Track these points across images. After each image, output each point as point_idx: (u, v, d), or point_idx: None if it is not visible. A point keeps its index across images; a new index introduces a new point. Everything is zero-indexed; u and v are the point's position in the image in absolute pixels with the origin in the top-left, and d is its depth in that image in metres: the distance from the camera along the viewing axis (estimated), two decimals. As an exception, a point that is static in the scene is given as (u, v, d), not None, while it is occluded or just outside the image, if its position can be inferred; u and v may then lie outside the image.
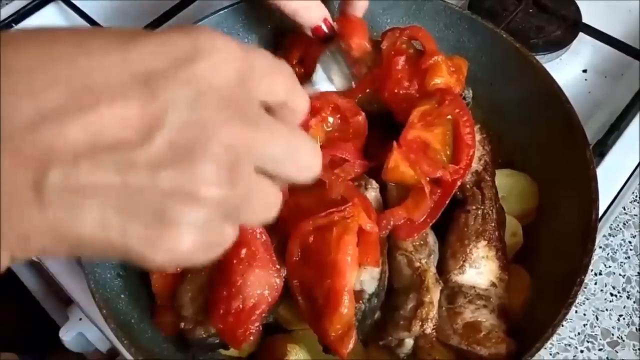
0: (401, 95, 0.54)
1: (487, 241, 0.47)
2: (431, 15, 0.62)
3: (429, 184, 0.47)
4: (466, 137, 0.49)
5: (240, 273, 0.43)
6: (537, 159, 0.56)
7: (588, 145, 0.51)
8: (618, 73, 0.74)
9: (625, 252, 0.58)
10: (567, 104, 0.54)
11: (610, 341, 0.53)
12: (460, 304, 0.45)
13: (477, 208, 0.48)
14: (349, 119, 0.55)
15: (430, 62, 0.53)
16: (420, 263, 0.46)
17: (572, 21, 0.74)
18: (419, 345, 0.45)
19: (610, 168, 0.61)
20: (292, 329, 0.50)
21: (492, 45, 0.59)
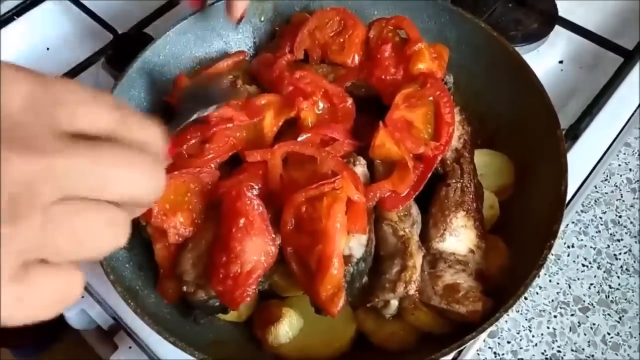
0: (388, 80, 0.58)
1: (466, 212, 0.51)
2: (415, 7, 0.66)
3: (413, 160, 0.51)
4: (446, 117, 0.53)
5: (239, 240, 0.47)
6: (513, 140, 0.60)
7: (559, 125, 0.55)
8: (592, 63, 0.78)
9: (596, 226, 0.62)
10: (540, 89, 0.58)
11: (582, 307, 0.57)
12: (441, 268, 0.49)
13: (456, 182, 0.52)
14: (338, 104, 0.58)
15: (414, 49, 0.57)
16: (405, 232, 0.50)
17: (549, 15, 0.78)
18: (403, 306, 0.49)
19: (582, 150, 0.65)
20: (286, 296, 0.53)
21: (472, 35, 0.63)
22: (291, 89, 0.58)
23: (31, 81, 0.25)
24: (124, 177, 0.26)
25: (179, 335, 0.46)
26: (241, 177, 0.50)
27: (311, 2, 0.68)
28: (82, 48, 0.78)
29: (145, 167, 0.27)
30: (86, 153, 0.25)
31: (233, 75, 0.62)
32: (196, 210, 0.50)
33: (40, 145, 0.24)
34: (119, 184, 0.26)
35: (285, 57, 0.62)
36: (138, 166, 0.27)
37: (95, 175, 0.25)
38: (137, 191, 0.27)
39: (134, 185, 0.27)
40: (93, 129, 0.26)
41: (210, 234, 0.50)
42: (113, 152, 0.26)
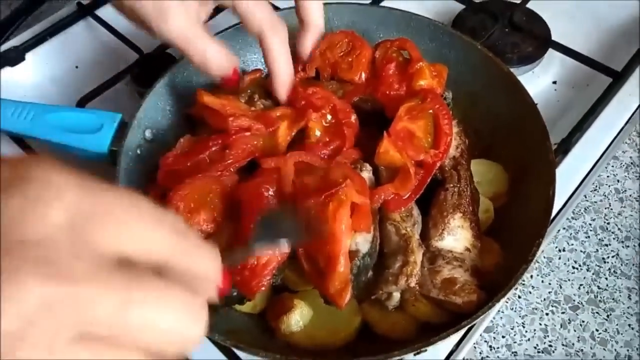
0: (391, 95, 0.64)
1: (462, 213, 0.56)
2: (417, 30, 0.72)
3: (414, 166, 0.56)
4: (444, 127, 0.58)
5: (256, 236, 0.52)
6: (507, 151, 0.65)
7: (548, 137, 0.60)
8: (584, 84, 0.83)
9: (585, 232, 0.67)
10: (532, 105, 0.63)
11: (572, 306, 0.61)
12: (440, 264, 0.54)
13: (454, 186, 0.57)
14: (342, 119, 0.63)
15: (416, 68, 0.63)
16: (406, 231, 0.54)
17: (543, 39, 0.84)
18: (404, 298, 0.53)
19: (573, 162, 0.70)
20: (298, 290, 0.58)
21: (469, 56, 0.69)
22: (303, 103, 0.63)
23: (80, 190, 0.22)
24: (159, 324, 0.22)
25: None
26: (258, 180, 0.56)
27: (322, 25, 0.74)
28: (109, 66, 0.85)
29: (190, 315, 0.23)
30: (120, 286, 0.21)
31: (250, 90, 0.68)
32: (217, 210, 0.55)
33: (66, 268, 0.21)
34: (150, 332, 0.22)
35: (298, 74, 0.68)
36: (181, 314, 0.23)
37: (124, 317, 0.21)
38: (170, 343, 0.23)
39: (169, 337, 0.23)
40: (142, 257, 0.23)
41: (229, 230, 0.55)
42: (155, 292, 0.22)
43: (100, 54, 0.87)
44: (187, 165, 0.58)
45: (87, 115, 0.63)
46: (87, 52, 0.87)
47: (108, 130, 0.62)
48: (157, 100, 0.65)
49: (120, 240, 0.22)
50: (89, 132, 0.62)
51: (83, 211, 0.22)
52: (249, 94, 0.67)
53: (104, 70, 0.84)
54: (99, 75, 0.82)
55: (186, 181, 0.55)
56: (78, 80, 0.84)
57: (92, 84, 0.81)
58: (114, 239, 0.22)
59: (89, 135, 0.61)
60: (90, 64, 0.86)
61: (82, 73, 0.85)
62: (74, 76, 0.85)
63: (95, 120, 0.62)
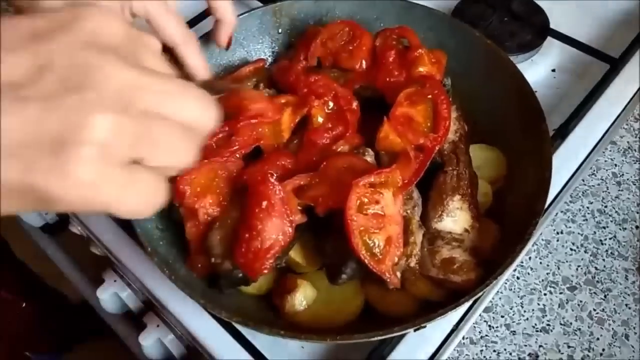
0: (391, 82, 0.65)
1: (461, 195, 0.57)
2: (418, 19, 0.73)
3: (413, 150, 0.58)
4: (443, 112, 0.59)
5: (261, 220, 0.53)
6: (505, 136, 0.66)
7: (544, 120, 0.61)
8: (582, 71, 0.84)
9: (583, 215, 0.68)
10: (529, 90, 0.64)
11: (570, 286, 0.63)
12: (439, 245, 0.55)
13: (452, 169, 0.58)
14: (344, 106, 0.65)
15: (415, 54, 0.65)
16: (407, 213, 0.56)
17: (541, 27, 0.85)
18: (405, 277, 0.55)
19: (571, 147, 0.71)
20: (301, 272, 0.60)
21: (468, 43, 0.70)
22: (306, 91, 0.65)
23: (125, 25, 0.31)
24: (194, 104, 0.32)
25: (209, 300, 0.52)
26: (264, 166, 0.57)
27: (324, 16, 0.75)
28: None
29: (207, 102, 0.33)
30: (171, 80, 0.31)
31: (255, 80, 0.69)
32: (223, 194, 0.57)
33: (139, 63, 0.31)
34: (192, 108, 0.32)
35: (300, 64, 0.70)
36: (202, 100, 0.33)
37: (177, 96, 0.31)
38: (201, 118, 0.33)
39: (200, 112, 0.32)
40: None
41: (235, 214, 0.56)
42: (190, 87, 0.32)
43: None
44: (193, 152, 0.59)
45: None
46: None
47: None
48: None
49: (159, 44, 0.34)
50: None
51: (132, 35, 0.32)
52: (254, 82, 0.69)
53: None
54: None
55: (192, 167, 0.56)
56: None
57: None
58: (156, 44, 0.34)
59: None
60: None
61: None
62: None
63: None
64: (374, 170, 0.55)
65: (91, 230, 0.69)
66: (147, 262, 0.64)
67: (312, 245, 0.59)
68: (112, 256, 0.68)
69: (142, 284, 0.64)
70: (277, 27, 0.75)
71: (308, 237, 0.59)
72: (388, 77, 0.65)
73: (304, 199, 0.56)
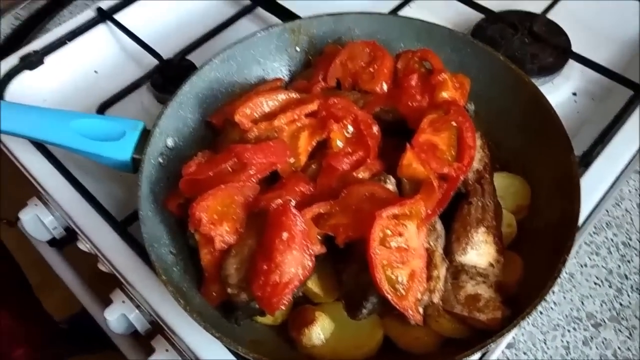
0: (414, 106, 0.63)
1: (486, 228, 0.55)
2: (439, 40, 0.71)
3: (437, 179, 0.56)
4: (468, 140, 0.57)
5: (280, 252, 0.51)
6: (529, 164, 0.64)
7: (572, 150, 0.59)
8: (604, 95, 0.83)
9: (607, 248, 0.66)
10: (554, 116, 0.62)
11: (594, 323, 0.61)
12: (463, 279, 0.54)
13: (477, 200, 0.56)
14: (365, 130, 0.63)
15: (438, 79, 0.63)
16: (430, 245, 0.54)
17: (563, 49, 0.84)
18: (427, 314, 0.53)
19: (594, 176, 0.69)
20: (319, 302, 0.58)
21: (490, 66, 0.68)
22: (324, 114, 0.63)
23: None
24: None
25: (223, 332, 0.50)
26: (282, 192, 0.55)
27: (343, 35, 0.74)
28: (128, 71, 0.85)
29: None
30: None
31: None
32: (239, 220, 0.55)
33: None
34: None
35: (319, 84, 0.68)
36: None
37: None
38: None
39: None
40: None
41: (251, 241, 0.55)
42: None
43: (120, 59, 0.87)
44: (209, 175, 0.58)
45: (109, 122, 0.63)
46: (106, 57, 0.87)
47: (130, 138, 0.62)
48: (178, 108, 0.65)
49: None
50: (111, 140, 0.62)
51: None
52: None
53: (123, 75, 0.84)
54: (118, 80, 0.82)
55: (209, 192, 0.54)
56: (97, 85, 0.84)
57: (112, 89, 0.81)
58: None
59: (111, 142, 0.61)
60: (110, 69, 0.87)
61: (102, 78, 0.86)
62: (94, 81, 0.86)
63: (117, 128, 0.62)
64: (397, 200, 0.54)
65: (100, 250, 0.67)
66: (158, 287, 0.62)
67: (330, 275, 0.57)
68: (122, 278, 0.66)
69: (153, 310, 0.62)
70: (295, 45, 0.73)
71: (326, 267, 0.57)
72: (410, 102, 0.63)
73: (324, 229, 0.54)
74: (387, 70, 0.67)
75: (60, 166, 0.72)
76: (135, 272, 0.64)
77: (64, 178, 0.71)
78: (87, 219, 0.68)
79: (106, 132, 0.62)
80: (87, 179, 0.71)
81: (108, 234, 0.67)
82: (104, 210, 0.68)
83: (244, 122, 0.61)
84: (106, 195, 0.71)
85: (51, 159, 0.72)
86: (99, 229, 0.67)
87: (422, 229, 0.53)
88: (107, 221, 0.67)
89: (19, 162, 0.73)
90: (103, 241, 0.67)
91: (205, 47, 0.84)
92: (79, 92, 0.84)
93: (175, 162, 0.63)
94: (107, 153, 0.61)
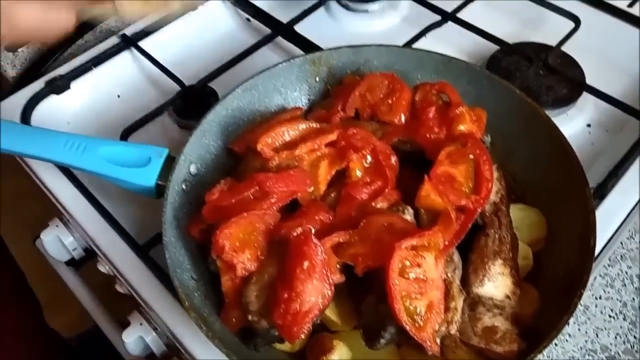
0: (432, 138, 0.65)
1: (503, 260, 0.56)
2: (456, 72, 0.73)
3: (455, 211, 0.57)
4: (485, 173, 0.59)
5: (301, 281, 0.52)
6: (545, 196, 0.65)
7: (587, 184, 0.60)
8: (618, 128, 0.84)
9: (622, 280, 0.67)
10: (570, 150, 0.63)
11: (608, 355, 0.61)
12: (480, 311, 0.54)
13: (495, 232, 0.57)
14: (383, 160, 0.64)
15: (456, 112, 0.64)
16: (447, 276, 0.55)
17: (577, 82, 0.85)
18: (445, 345, 0.53)
19: (609, 208, 0.70)
20: (336, 330, 0.58)
21: (506, 99, 0.70)
22: (344, 144, 0.65)
23: None
24: None
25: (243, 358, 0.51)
26: (302, 221, 0.57)
27: (361, 66, 0.75)
28: (151, 97, 0.87)
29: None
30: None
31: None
32: (260, 248, 0.57)
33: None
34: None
35: (338, 114, 0.70)
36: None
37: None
38: None
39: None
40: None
41: (272, 269, 0.56)
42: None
43: (143, 85, 0.90)
44: (231, 202, 0.59)
45: (135, 149, 0.65)
46: (130, 82, 0.90)
47: (155, 164, 0.63)
48: (202, 136, 0.66)
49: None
50: (136, 166, 0.63)
51: None
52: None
53: (146, 101, 0.86)
54: (141, 106, 0.85)
55: (232, 220, 0.56)
56: (121, 110, 0.87)
57: (134, 113, 0.83)
58: None
59: (136, 169, 0.63)
60: (133, 94, 0.89)
61: (125, 103, 0.88)
62: (117, 106, 0.88)
63: (142, 154, 0.64)
64: (415, 231, 0.55)
65: (121, 272, 0.69)
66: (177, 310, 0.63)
67: (347, 303, 0.58)
68: (141, 300, 0.67)
69: (172, 333, 0.63)
70: (315, 75, 0.75)
71: (343, 295, 0.58)
72: (428, 134, 0.65)
73: (343, 258, 0.55)
74: (405, 102, 0.69)
75: (84, 189, 0.73)
76: (155, 296, 0.65)
77: (88, 201, 0.73)
78: (109, 242, 0.69)
79: (132, 159, 0.64)
80: (109, 202, 0.73)
81: (129, 257, 0.68)
82: (126, 233, 0.69)
83: (266, 150, 0.63)
84: (128, 218, 0.72)
85: (75, 182, 0.74)
86: (120, 252, 0.68)
87: (440, 260, 0.54)
88: (128, 244, 0.69)
89: (44, 185, 0.76)
90: (124, 264, 0.68)
91: (227, 74, 0.87)
92: (101, 116, 0.86)
93: (198, 188, 0.64)
94: (132, 179, 0.63)
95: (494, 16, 0.97)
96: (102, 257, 0.72)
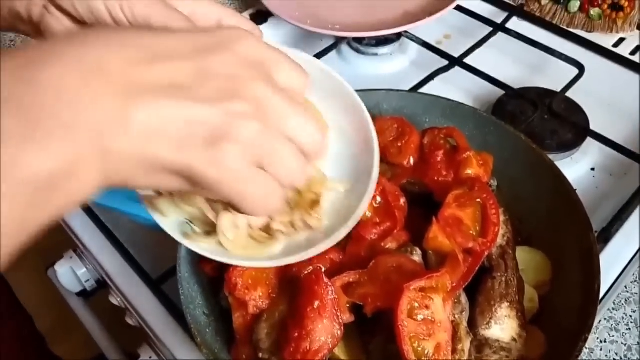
0: (440, 181, 0.67)
1: (509, 303, 0.57)
2: (463, 117, 0.75)
3: (462, 253, 0.59)
4: (492, 217, 0.60)
5: (312, 320, 0.53)
6: (550, 239, 0.67)
7: (592, 229, 0.62)
8: (621, 172, 0.86)
9: (627, 324, 0.67)
10: (574, 196, 0.65)
11: (614, 401, 0.62)
12: (487, 353, 0.55)
13: (501, 275, 0.59)
14: (392, 202, 0.66)
15: (464, 157, 0.66)
16: (455, 318, 0.56)
17: (581, 127, 0.87)
18: (452, 386, 0.54)
19: (613, 252, 0.71)
20: (345, 368, 0.59)
21: (512, 144, 0.72)
22: (354, 184, 0.67)
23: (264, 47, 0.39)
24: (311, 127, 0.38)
25: (254, 396, 0.52)
26: (313, 260, 0.58)
27: (372, 109, 0.78)
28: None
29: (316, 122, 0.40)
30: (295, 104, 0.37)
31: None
32: (272, 285, 0.58)
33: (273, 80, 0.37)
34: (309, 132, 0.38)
35: (348, 157, 0.72)
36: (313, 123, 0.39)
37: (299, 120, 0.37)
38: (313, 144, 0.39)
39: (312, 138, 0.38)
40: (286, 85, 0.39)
41: (283, 307, 0.57)
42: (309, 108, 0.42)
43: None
44: (244, 240, 0.61)
45: (153, 186, 0.67)
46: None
47: (171, 201, 0.65)
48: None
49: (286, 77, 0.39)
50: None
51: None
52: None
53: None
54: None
55: (245, 257, 0.57)
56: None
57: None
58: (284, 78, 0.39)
59: (154, 206, 0.65)
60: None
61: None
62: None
63: (159, 191, 0.66)
64: (424, 272, 0.56)
65: (134, 306, 0.70)
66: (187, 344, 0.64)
67: (356, 342, 0.59)
68: (152, 334, 0.68)
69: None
70: (326, 116, 0.78)
71: (352, 334, 0.59)
72: (436, 176, 0.67)
73: (353, 297, 0.56)
74: (414, 145, 0.71)
75: (100, 223, 0.75)
76: (166, 330, 0.67)
77: (103, 234, 0.75)
78: (123, 276, 0.71)
79: (149, 195, 0.66)
80: (124, 236, 0.75)
81: (143, 291, 0.70)
82: (140, 268, 0.71)
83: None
84: (141, 252, 0.74)
85: (91, 215, 0.77)
86: (134, 286, 0.70)
87: (448, 302, 0.55)
88: (142, 278, 0.70)
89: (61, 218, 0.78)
90: (137, 298, 0.70)
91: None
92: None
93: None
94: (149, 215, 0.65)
95: (500, 61, 1.01)
96: (115, 290, 0.74)
